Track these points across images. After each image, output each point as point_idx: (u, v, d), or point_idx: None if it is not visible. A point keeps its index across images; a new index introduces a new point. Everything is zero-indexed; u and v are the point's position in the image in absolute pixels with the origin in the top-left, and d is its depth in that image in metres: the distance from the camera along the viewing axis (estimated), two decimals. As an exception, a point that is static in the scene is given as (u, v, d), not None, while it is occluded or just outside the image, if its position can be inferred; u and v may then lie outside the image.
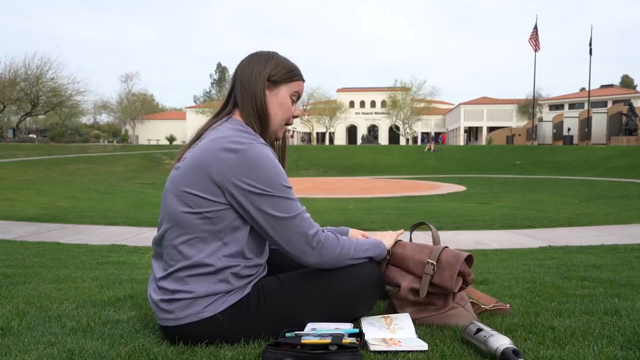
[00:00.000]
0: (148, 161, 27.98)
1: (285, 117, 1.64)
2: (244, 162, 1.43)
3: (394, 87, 54.74)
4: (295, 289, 1.56)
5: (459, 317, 1.70)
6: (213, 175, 1.45)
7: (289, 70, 1.63)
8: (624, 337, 1.53)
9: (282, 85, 1.62)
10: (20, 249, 4.09)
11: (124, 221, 6.52)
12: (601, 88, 50.94)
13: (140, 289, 2.37)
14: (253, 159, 1.44)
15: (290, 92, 1.64)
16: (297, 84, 1.65)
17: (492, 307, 1.87)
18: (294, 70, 1.65)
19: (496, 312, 1.86)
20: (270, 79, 1.60)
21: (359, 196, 12.93)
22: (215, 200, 1.46)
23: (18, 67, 39.24)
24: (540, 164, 26.24)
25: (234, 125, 1.54)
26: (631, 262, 3.27)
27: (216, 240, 1.48)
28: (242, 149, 1.44)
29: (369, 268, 1.66)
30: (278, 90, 1.62)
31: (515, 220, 6.63)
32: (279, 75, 1.61)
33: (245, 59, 1.64)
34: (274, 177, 1.46)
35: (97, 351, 1.41)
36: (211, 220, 1.47)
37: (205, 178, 1.45)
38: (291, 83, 1.64)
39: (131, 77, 65.32)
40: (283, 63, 1.64)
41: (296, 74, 1.65)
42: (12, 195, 11.32)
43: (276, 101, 1.61)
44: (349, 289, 1.60)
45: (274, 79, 1.61)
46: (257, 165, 1.44)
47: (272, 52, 1.66)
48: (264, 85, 1.59)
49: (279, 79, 1.61)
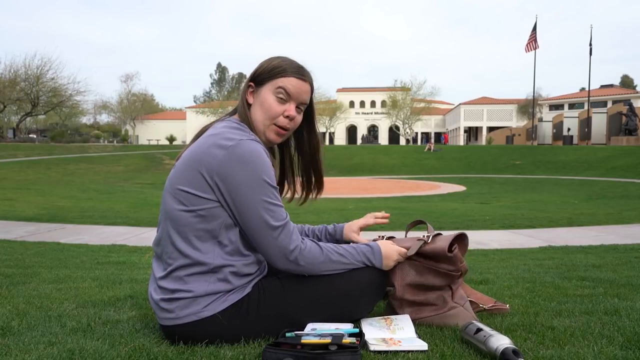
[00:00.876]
0: (148, 161, 27.98)
1: (268, 117, 1.57)
2: (231, 158, 1.44)
3: (394, 87, 54.75)
4: (296, 290, 1.56)
5: (458, 317, 1.69)
6: (203, 172, 1.45)
7: (274, 67, 1.58)
8: (623, 337, 1.53)
9: (265, 84, 1.59)
10: (20, 249, 4.09)
11: (124, 221, 6.52)
12: (601, 88, 50.98)
13: (140, 289, 2.37)
14: (240, 155, 1.44)
15: (273, 89, 1.58)
16: (281, 80, 1.57)
17: (491, 307, 1.87)
18: (279, 67, 1.58)
19: (495, 312, 1.86)
20: (255, 79, 1.61)
21: (359, 196, 12.93)
22: (206, 197, 1.46)
23: (18, 67, 39.34)
24: (540, 164, 26.24)
25: (230, 123, 1.56)
26: (631, 262, 3.27)
27: (211, 239, 1.49)
28: (231, 145, 1.45)
29: (370, 269, 1.65)
30: (260, 90, 1.60)
31: (515, 220, 6.63)
32: (263, 76, 1.60)
33: None
34: (259, 173, 1.45)
35: (98, 351, 1.41)
36: (205, 219, 1.47)
37: (197, 174, 1.46)
38: (274, 80, 1.58)
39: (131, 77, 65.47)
40: (269, 62, 1.61)
41: (280, 69, 1.57)
42: (12, 195, 11.32)
43: (257, 101, 1.60)
44: (350, 290, 1.60)
45: (258, 79, 1.61)
46: (243, 161, 1.44)
47: (278, 55, 1.65)
48: (246, 87, 1.62)
49: (262, 78, 1.60)
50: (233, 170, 1.44)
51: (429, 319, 1.72)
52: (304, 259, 1.51)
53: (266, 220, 1.46)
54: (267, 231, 1.47)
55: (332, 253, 1.56)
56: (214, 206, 1.47)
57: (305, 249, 1.52)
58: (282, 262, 1.50)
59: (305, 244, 1.52)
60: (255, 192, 1.45)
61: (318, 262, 1.53)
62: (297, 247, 1.50)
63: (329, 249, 1.57)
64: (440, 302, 1.72)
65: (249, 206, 1.45)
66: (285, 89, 1.57)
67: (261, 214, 1.46)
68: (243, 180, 1.44)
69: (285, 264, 1.51)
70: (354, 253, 1.61)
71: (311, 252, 1.52)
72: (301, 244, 1.52)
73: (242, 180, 1.44)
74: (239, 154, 1.44)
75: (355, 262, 1.60)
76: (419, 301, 1.73)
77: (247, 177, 1.44)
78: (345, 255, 1.58)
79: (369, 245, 1.65)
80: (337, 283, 1.58)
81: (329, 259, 1.55)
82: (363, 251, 1.62)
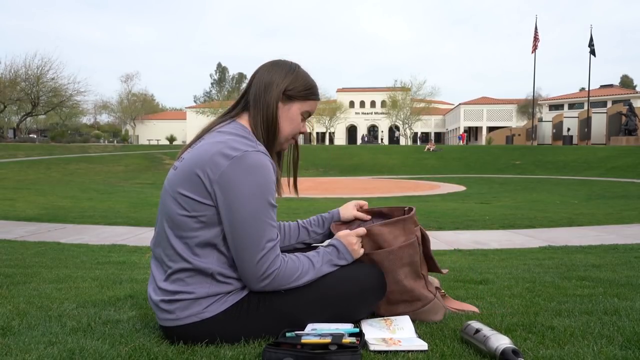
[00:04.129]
0: (148, 161, 27.97)
1: (292, 133, 1.64)
2: (235, 169, 1.42)
3: (394, 87, 54.75)
4: (296, 290, 1.55)
5: (431, 311, 1.75)
6: (204, 178, 1.44)
7: (307, 88, 1.62)
8: (623, 337, 1.53)
9: (295, 102, 1.61)
10: (20, 249, 4.10)
11: (124, 221, 6.52)
12: (601, 88, 50.97)
13: (140, 289, 2.37)
14: (245, 167, 1.43)
15: (303, 109, 1.63)
16: (310, 104, 1.64)
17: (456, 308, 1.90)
18: (312, 89, 1.63)
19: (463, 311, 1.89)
20: (286, 92, 1.59)
21: (359, 196, 12.92)
22: (207, 203, 1.45)
23: (18, 67, 39.30)
24: (539, 164, 26.24)
25: (236, 130, 1.53)
26: (631, 262, 3.28)
27: (211, 246, 1.48)
28: (237, 156, 1.43)
29: (371, 270, 1.66)
30: (291, 106, 1.61)
31: (515, 220, 6.63)
32: (295, 91, 1.60)
33: (266, 65, 1.63)
34: (261, 188, 1.44)
35: (98, 351, 1.41)
36: (205, 225, 1.47)
37: (199, 180, 1.45)
38: (306, 102, 1.63)
39: (131, 77, 65.45)
40: (303, 79, 1.62)
41: (313, 93, 1.64)
42: (12, 195, 11.32)
43: (287, 116, 1.61)
44: (350, 291, 1.60)
45: (289, 94, 1.59)
46: (247, 173, 1.43)
47: (295, 64, 1.65)
48: (279, 98, 1.58)
49: (294, 94, 1.60)
50: (235, 180, 1.42)
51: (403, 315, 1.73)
52: (274, 281, 1.48)
53: (256, 235, 1.44)
54: (252, 248, 1.44)
55: (304, 274, 1.54)
56: (214, 213, 1.46)
57: (280, 268, 1.48)
58: (252, 280, 1.47)
59: (280, 270, 1.48)
60: (253, 205, 1.43)
61: (287, 284, 1.50)
62: (274, 271, 1.47)
63: (304, 265, 1.54)
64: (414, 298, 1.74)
65: (242, 218, 1.43)
66: (310, 113, 1.67)
67: (253, 228, 1.44)
68: (243, 192, 1.42)
69: (255, 282, 1.48)
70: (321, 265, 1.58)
71: (282, 273, 1.49)
72: (277, 270, 1.48)
73: (242, 192, 1.42)
74: (243, 166, 1.43)
75: (326, 271, 1.58)
76: (392, 300, 1.73)
77: (247, 190, 1.43)
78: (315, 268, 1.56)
79: (333, 245, 1.63)
80: (337, 284, 1.58)
81: (303, 274, 1.53)
82: (330, 258, 1.60)
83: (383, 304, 1.74)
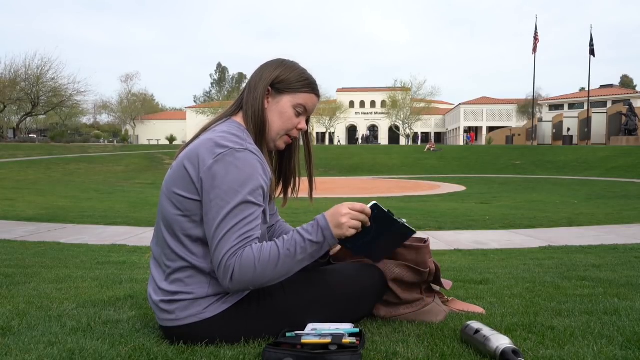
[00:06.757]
0: (148, 161, 27.96)
1: (284, 128, 1.58)
2: (219, 165, 1.41)
3: (394, 87, 54.76)
4: (296, 290, 1.55)
5: (431, 312, 1.74)
6: (192, 173, 1.44)
7: (299, 80, 1.58)
8: (623, 337, 1.53)
9: (286, 94, 1.58)
10: (20, 249, 4.09)
11: (124, 221, 6.51)
12: (601, 88, 50.99)
13: (140, 289, 2.37)
14: (228, 163, 1.41)
15: (295, 103, 1.58)
16: (304, 97, 1.59)
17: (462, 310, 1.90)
18: (304, 81, 1.59)
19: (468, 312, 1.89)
20: (274, 85, 1.57)
21: (359, 196, 12.92)
22: (195, 199, 1.44)
23: (18, 67, 39.28)
24: (539, 164, 26.24)
25: (230, 128, 1.52)
26: (631, 262, 3.28)
27: (206, 245, 1.47)
28: (222, 153, 1.42)
29: (371, 270, 1.66)
30: (280, 99, 1.58)
31: (515, 220, 6.63)
32: (285, 84, 1.57)
33: (264, 63, 1.62)
34: (241, 185, 1.39)
35: (98, 351, 1.41)
36: (198, 224, 1.46)
37: (187, 175, 1.45)
38: (297, 94, 1.58)
39: (131, 77, 65.29)
40: (294, 71, 1.59)
41: (305, 85, 1.59)
42: (12, 195, 11.32)
43: (276, 109, 1.58)
44: (351, 290, 1.60)
45: (278, 87, 1.57)
46: (229, 170, 1.40)
47: (292, 61, 1.63)
48: (264, 91, 1.57)
49: (284, 87, 1.57)
50: (217, 176, 1.40)
51: (404, 316, 1.73)
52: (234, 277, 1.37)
53: (227, 232, 1.37)
54: (221, 245, 1.37)
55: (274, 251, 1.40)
56: None
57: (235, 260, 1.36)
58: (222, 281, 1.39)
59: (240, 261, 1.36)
60: (228, 201, 1.38)
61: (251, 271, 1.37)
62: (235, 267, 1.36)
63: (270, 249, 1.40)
64: (414, 296, 1.74)
65: (216, 213, 1.38)
66: (305, 107, 1.60)
67: (225, 224, 1.37)
68: (222, 188, 1.39)
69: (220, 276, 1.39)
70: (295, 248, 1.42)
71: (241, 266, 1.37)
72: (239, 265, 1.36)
73: (220, 188, 1.39)
74: (227, 162, 1.40)
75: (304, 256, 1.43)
76: (391, 301, 1.73)
77: (226, 186, 1.38)
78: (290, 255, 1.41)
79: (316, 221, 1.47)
80: (337, 283, 1.58)
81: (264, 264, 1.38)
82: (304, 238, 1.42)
83: (383, 305, 1.74)
